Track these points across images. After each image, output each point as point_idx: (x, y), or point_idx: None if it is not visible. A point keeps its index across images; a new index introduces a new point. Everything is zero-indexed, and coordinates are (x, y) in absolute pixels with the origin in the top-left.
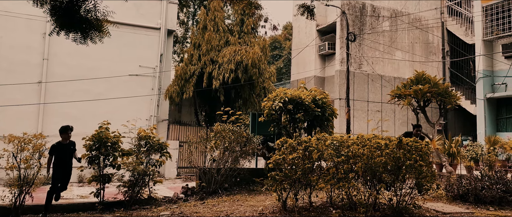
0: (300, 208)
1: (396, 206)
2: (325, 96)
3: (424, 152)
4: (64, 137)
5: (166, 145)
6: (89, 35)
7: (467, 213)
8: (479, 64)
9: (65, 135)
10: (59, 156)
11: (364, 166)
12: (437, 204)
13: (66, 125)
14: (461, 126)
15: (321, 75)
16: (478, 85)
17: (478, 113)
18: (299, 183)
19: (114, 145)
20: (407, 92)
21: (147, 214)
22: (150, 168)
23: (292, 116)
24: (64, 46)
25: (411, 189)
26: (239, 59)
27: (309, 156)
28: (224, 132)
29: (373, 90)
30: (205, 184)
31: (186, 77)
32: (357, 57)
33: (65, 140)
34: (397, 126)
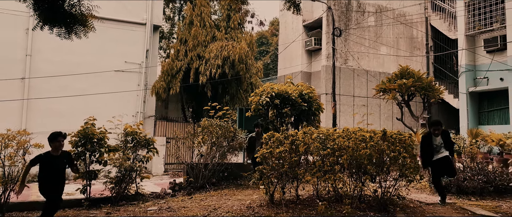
0: (287, 201)
1: (381, 198)
2: (312, 91)
3: (407, 144)
4: (55, 147)
5: (153, 140)
6: (73, 30)
7: (449, 203)
8: (461, 59)
9: (55, 143)
10: (47, 171)
11: (349, 158)
12: (421, 195)
13: (56, 132)
14: (445, 120)
15: (308, 70)
16: (461, 80)
17: (460, 107)
18: (286, 176)
19: (100, 141)
20: (391, 87)
21: (135, 209)
22: (137, 164)
23: (279, 111)
24: (47, 41)
25: (395, 181)
26: (226, 55)
27: (296, 150)
28: (212, 127)
29: (358, 85)
30: (193, 179)
31: (173, 73)
32: (343, 52)
33: (55, 151)
34: (382, 120)
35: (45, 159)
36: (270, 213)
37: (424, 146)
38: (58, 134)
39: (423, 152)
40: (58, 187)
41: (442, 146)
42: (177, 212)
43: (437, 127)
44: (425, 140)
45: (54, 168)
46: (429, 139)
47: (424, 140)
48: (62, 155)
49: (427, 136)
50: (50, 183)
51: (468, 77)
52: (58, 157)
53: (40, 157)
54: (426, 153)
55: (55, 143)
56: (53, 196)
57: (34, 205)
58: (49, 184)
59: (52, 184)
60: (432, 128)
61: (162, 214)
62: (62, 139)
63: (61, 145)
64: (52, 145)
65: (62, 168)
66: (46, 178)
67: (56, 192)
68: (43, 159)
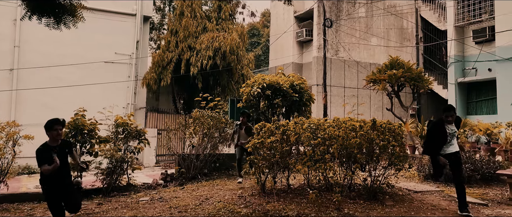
0: (278, 190)
1: (371, 186)
2: (303, 82)
3: (397, 133)
4: (53, 136)
5: (144, 131)
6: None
7: (438, 191)
8: (451, 50)
9: (53, 132)
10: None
11: (339, 147)
12: (410, 183)
13: (53, 119)
14: (434, 110)
15: (299, 61)
16: (450, 70)
17: (449, 98)
18: (277, 166)
19: (90, 133)
20: (382, 77)
21: (126, 200)
22: (128, 155)
23: (270, 102)
24: (36, 32)
25: (384, 169)
26: (217, 46)
27: (287, 140)
28: (203, 118)
29: (349, 76)
30: (185, 170)
31: (164, 64)
32: (334, 43)
33: (54, 141)
34: (372, 111)
35: (45, 151)
36: (262, 202)
37: (435, 134)
38: (55, 121)
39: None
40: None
41: (454, 136)
42: (169, 202)
43: (451, 113)
44: (436, 127)
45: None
46: (442, 127)
47: (435, 127)
48: (62, 144)
49: (439, 123)
50: (53, 184)
51: (457, 68)
52: (59, 147)
53: (40, 150)
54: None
55: (52, 132)
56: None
57: (24, 196)
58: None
59: (56, 186)
60: (445, 114)
61: (154, 204)
62: (60, 127)
63: (60, 134)
64: (49, 134)
65: (64, 158)
66: (47, 180)
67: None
68: (43, 153)
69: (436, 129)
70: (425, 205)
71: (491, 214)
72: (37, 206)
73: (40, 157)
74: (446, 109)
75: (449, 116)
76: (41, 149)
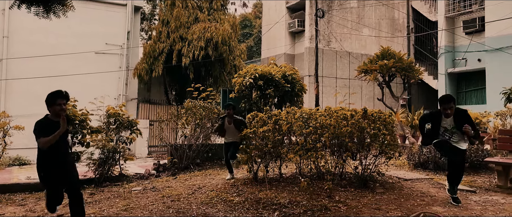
0: (270, 179)
1: (361, 174)
2: (295, 72)
3: (387, 122)
4: (55, 111)
5: (136, 122)
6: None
7: (427, 179)
8: (441, 40)
9: (55, 107)
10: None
11: (331, 136)
12: (400, 172)
13: (55, 91)
14: (424, 100)
15: (291, 52)
16: (440, 61)
17: (439, 88)
18: (269, 155)
19: (82, 123)
20: (373, 67)
21: (119, 190)
22: (120, 145)
23: (263, 92)
24: (25, 22)
25: (375, 158)
26: (209, 36)
27: (279, 129)
28: (195, 108)
29: (341, 67)
30: (177, 160)
31: (155, 54)
32: (326, 34)
33: (56, 116)
34: (363, 101)
35: (47, 124)
36: (254, 190)
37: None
38: (57, 94)
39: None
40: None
41: (455, 132)
42: (162, 191)
43: (448, 105)
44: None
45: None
46: (434, 118)
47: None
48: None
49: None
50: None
51: (447, 58)
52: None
53: (41, 123)
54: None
55: (54, 107)
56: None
57: (15, 187)
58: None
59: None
60: (442, 106)
61: (146, 194)
62: (63, 102)
63: (63, 109)
64: (51, 110)
65: (65, 135)
66: (47, 156)
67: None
68: (45, 125)
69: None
70: (414, 192)
71: (479, 200)
72: (29, 197)
73: (39, 129)
74: (443, 100)
75: (447, 109)
76: (42, 121)
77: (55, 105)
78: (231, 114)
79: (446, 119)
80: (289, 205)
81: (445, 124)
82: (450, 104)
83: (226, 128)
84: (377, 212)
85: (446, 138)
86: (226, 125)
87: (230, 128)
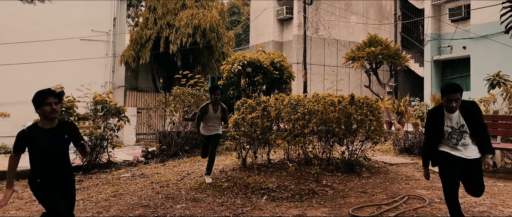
0: (259, 165)
1: (348, 159)
2: (283, 59)
3: (374, 108)
4: (45, 114)
5: (124, 109)
6: None
7: (412, 163)
8: (427, 28)
9: (45, 108)
10: (39, 155)
11: (319, 121)
12: (386, 156)
13: (44, 90)
14: (410, 88)
15: (280, 39)
16: (426, 48)
17: (425, 75)
18: (258, 141)
19: (69, 110)
20: (360, 54)
21: (107, 176)
22: (108, 132)
23: (251, 79)
24: (9, 8)
25: (361, 143)
26: (197, 23)
27: (268, 116)
28: (184, 95)
29: (329, 54)
30: (166, 147)
31: (142, 41)
32: (314, 21)
33: (47, 121)
34: (351, 88)
35: (31, 136)
36: (243, 175)
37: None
38: (46, 92)
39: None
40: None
41: (464, 131)
42: (151, 178)
43: (453, 96)
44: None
45: (49, 149)
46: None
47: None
48: (59, 127)
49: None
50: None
51: (433, 46)
52: (54, 130)
53: (24, 134)
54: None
55: (43, 108)
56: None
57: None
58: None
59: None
60: (445, 97)
61: (135, 180)
62: (55, 101)
63: (55, 110)
64: (40, 112)
65: (62, 147)
66: (39, 168)
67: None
68: (28, 138)
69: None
70: (399, 176)
71: None
72: (16, 184)
73: (17, 141)
74: (445, 89)
75: (451, 100)
76: (24, 133)
77: (43, 105)
78: (218, 100)
79: (451, 116)
80: (277, 189)
81: (450, 123)
82: (455, 95)
83: (209, 116)
84: (363, 195)
85: (453, 142)
86: (210, 113)
87: (214, 118)
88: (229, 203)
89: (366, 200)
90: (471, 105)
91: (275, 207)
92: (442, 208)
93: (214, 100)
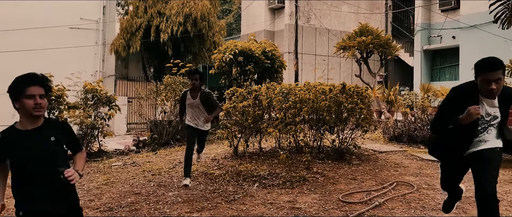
0: (250, 153)
1: (338, 147)
2: (275, 49)
3: (364, 96)
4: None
5: (114, 98)
6: None
7: (401, 151)
8: (418, 18)
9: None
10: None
11: (310, 110)
12: (375, 145)
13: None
14: (400, 77)
15: (271, 29)
16: (416, 38)
17: (415, 64)
18: (249, 130)
19: (58, 99)
20: (351, 44)
21: (98, 165)
22: (99, 121)
23: (243, 68)
24: None
25: (352, 131)
26: (188, 12)
27: (259, 104)
28: (175, 84)
29: (320, 44)
30: (157, 136)
31: (132, 30)
32: (305, 11)
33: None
34: (342, 78)
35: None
36: (234, 163)
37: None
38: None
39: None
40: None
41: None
42: (143, 166)
43: (494, 75)
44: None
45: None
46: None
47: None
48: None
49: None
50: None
51: (423, 36)
52: (39, 131)
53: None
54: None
55: (24, 101)
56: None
57: None
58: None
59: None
60: (481, 75)
61: (127, 168)
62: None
63: (39, 106)
64: (18, 105)
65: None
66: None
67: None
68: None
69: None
70: (389, 163)
71: None
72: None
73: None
74: (482, 66)
75: (490, 82)
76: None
77: (24, 97)
78: (197, 86)
79: (487, 101)
80: (268, 177)
81: (481, 110)
82: (496, 73)
83: (189, 105)
84: (353, 182)
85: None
86: (189, 100)
87: (194, 105)
88: (221, 190)
89: (355, 187)
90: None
91: (266, 194)
92: (430, 194)
93: (193, 86)
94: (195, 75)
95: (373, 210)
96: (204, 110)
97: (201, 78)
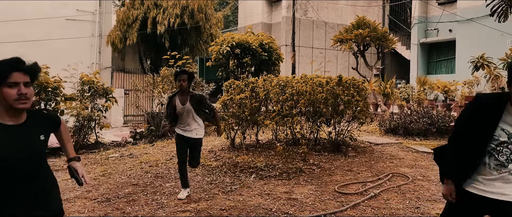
0: (247, 145)
1: (335, 139)
2: (272, 41)
3: (361, 88)
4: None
5: (111, 89)
6: None
7: (396, 143)
8: (415, 11)
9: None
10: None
11: (307, 102)
12: (371, 137)
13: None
14: (397, 70)
15: (268, 21)
16: (413, 31)
17: (411, 57)
18: (246, 122)
19: (55, 90)
20: (348, 37)
21: (96, 156)
22: (95, 113)
23: (240, 61)
24: None
25: (348, 123)
26: (185, 4)
27: (256, 96)
28: (172, 76)
29: (317, 37)
30: (154, 128)
31: (129, 22)
32: (303, 3)
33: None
34: (339, 70)
35: None
36: (231, 155)
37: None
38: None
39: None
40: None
41: None
42: (140, 158)
43: None
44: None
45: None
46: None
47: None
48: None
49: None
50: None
51: (420, 29)
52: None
53: None
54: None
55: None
56: None
57: None
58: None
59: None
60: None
61: (124, 160)
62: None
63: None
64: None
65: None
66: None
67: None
68: None
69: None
70: (384, 155)
71: None
72: None
73: None
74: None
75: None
76: None
77: (5, 85)
78: (185, 88)
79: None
80: (265, 168)
81: (509, 126)
82: None
83: (179, 112)
84: (349, 173)
85: (499, 161)
86: (178, 106)
87: (184, 112)
88: (218, 181)
89: (351, 178)
90: None
91: (263, 185)
92: (425, 185)
93: (180, 88)
94: (182, 75)
95: (368, 201)
96: (196, 117)
97: (189, 78)
